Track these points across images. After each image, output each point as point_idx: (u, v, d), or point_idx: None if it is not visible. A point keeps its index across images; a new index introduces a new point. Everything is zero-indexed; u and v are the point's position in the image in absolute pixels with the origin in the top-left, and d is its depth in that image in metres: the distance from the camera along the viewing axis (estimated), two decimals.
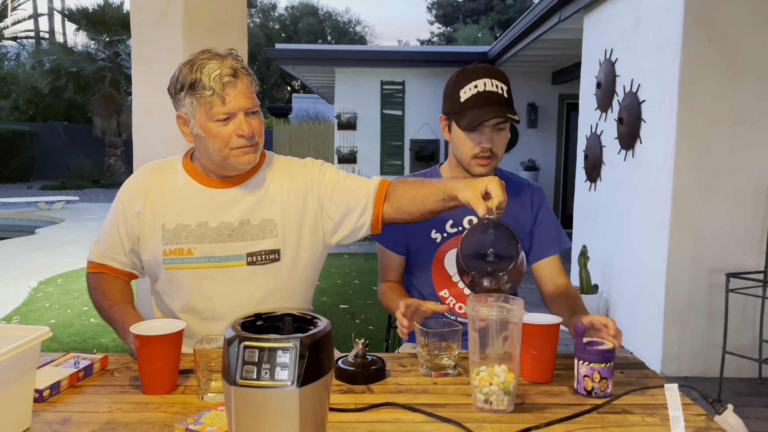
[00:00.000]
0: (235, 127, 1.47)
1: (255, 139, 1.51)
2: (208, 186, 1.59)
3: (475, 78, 1.67)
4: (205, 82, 1.44)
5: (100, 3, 17.58)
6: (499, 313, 1.22)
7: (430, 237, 1.80)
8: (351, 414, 1.19)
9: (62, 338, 4.53)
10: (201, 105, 1.46)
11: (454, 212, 1.77)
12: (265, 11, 33.24)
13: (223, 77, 1.44)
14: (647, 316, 4.11)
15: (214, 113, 1.46)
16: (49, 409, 1.21)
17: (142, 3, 2.90)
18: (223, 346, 1.00)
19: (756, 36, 3.72)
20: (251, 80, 1.50)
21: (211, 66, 1.45)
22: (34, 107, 21.17)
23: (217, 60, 1.47)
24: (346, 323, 4.98)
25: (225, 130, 1.47)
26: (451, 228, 1.80)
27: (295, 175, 1.63)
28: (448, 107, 1.73)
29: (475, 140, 1.70)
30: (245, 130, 1.47)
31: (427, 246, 1.80)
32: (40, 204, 12.34)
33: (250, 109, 1.49)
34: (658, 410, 1.22)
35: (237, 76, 1.46)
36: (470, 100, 1.67)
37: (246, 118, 1.48)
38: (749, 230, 3.80)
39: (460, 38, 28.22)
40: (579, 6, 5.39)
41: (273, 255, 1.58)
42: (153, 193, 1.60)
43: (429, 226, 1.78)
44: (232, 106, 1.46)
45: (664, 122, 3.92)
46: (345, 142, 10.20)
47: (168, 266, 1.58)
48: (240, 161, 1.52)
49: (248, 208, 1.59)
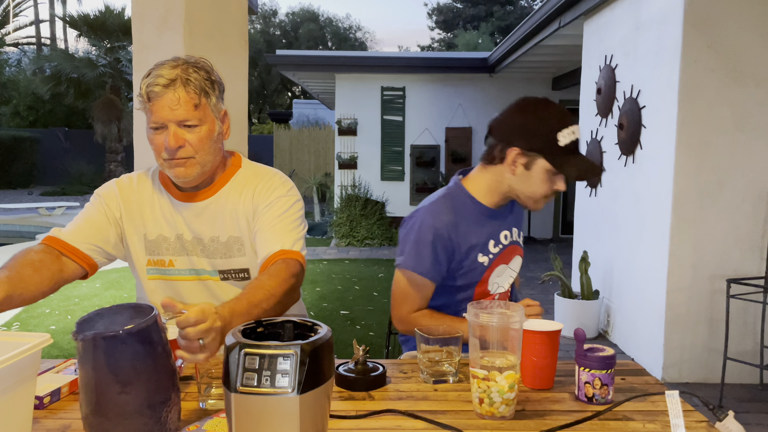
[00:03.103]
0: (163, 137, 1.43)
1: (184, 153, 1.44)
2: (179, 199, 1.57)
3: (569, 122, 1.62)
4: (142, 91, 1.43)
5: (101, 9, 17.64)
6: (499, 320, 1.22)
7: (478, 261, 1.76)
8: (351, 421, 1.19)
9: (62, 344, 4.52)
10: (141, 110, 1.46)
11: (492, 231, 1.77)
12: (266, 17, 33.33)
13: (153, 86, 1.40)
14: (648, 322, 4.10)
15: (150, 121, 1.44)
16: (49, 416, 1.21)
17: (143, 9, 2.91)
18: (223, 353, 1.00)
19: (756, 42, 3.72)
20: (193, 90, 1.42)
21: (153, 74, 1.42)
22: (34, 113, 21.20)
23: (166, 68, 1.43)
24: (347, 329, 4.97)
25: (157, 139, 1.45)
26: (494, 248, 1.78)
27: (254, 193, 1.56)
28: (540, 146, 1.63)
29: (555, 185, 1.67)
30: (169, 143, 1.42)
31: (476, 269, 1.77)
32: (40, 210, 12.35)
33: (183, 122, 1.42)
34: (659, 417, 1.22)
35: (171, 86, 1.40)
36: (570, 147, 1.63)
37: (179, 131, 1.43)
38: (750, 236, 3.80)
39: (461, 44, 28.26)
40: (579, 12, 5.40)
41: (243, 274, 1.57)
42: (134, 202, 1.58)
43: (475, 251, 1.74)
44: (161, 116, 1.41)
45: (665, 128, 3.93)
46: (345, 148, 10.20)
47: (151, 276, 1.59)
48: (172, 173, 1.48)
49: (216, 224, 1.56)
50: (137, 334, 0.98)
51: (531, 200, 1.71)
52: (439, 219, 1.70)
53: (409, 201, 10.18)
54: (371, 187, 9.88)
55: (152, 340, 1.01)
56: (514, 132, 1.66)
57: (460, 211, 1.73)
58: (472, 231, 1.74)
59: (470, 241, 1.73)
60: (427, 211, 1.73)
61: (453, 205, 1.74)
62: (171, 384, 1.03)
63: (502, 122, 1.71)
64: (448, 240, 1.70)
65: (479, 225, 1.75)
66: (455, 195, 1.77)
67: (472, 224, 1.74)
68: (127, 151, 17.88)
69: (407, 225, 1.76)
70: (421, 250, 1.69)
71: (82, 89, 17.37)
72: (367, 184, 9.88)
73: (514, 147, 1.65)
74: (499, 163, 1.70)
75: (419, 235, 1.70)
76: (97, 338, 0.97)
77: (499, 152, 1.69)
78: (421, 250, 1.69)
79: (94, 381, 0.97)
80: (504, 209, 1.81)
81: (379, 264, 7.78)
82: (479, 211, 1.75)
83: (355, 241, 9.17)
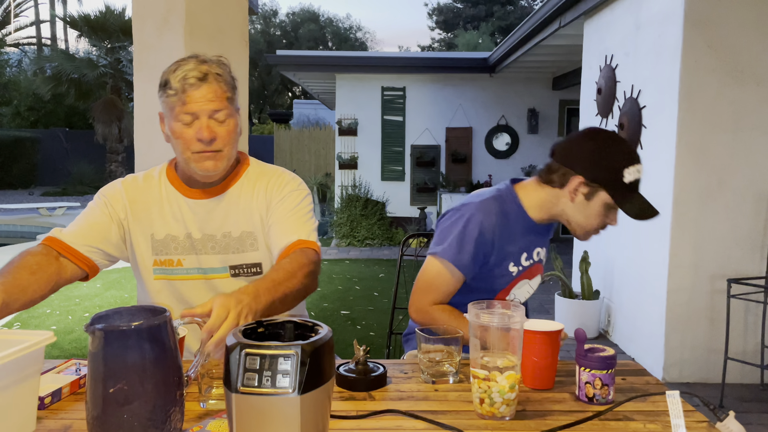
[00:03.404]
0: (195, 130, 1.46)
1: (216, 145, 1.47)
2: (189, 197, 1.57)
3: (636, 160, 1.62)
4: (172, 83, 1.45)
5: (102, 9, 17.64)
6: (500, 320, 1.22)
7: (508, 269, 1.77)
8: (352, 421, 1.19)
9: (63, 345, 4.53)
10: (167, 104, 1.47)
11: (528, 245, 1.77)
12: (266, 18, 33.34)
13: (188, 79, 1.43)
14: (648, 322, 4.10)
15: (177, 113, 1.45)
16: (50, 417, 1.21)
17: (144, 10, 2.91)
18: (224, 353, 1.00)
19: (756, 41, 3.72)
20: (223, 85, 1.47)
21: (183, 68, 1.45)
22: (35, 114, 21.21)
23: (193, 63, 1.46)
24: (347, 329, 4.97)
25: (187, 133, 1.46)
26: (526, 261, 1.79)
27: (267, 188, 1.60)
28: (605, 179, 1.62)
29: (608, 219, 1.69)
30: (203, 134, 1.45)
31: (503, 277, 1.77)
32: (41, 210, 12.35)
33: (214, 112, 1.46)
34: (659, 417, 1.22)
35: (205, 80, 1.44)
36: (633, 184, 1.63)
37: (210, 123, 1.46)
38: (750, 236, 3.80)
39: (461, 44, 28.26)
40: (579, 12, 5.40)
41: (255, 268, 1.58)
42: (140, 202, 1.58)
43: (509, 260, 1.75)
44: (194, 107, 1.44)
45: (665, 128, 3.93)
46: (346, 148, 10.21)
47: (157, 276, 1.58)
48: (200, 167, 1.49)
49: (228, 220, 1.57)
50: (147, 331, 0.99)
51: (582, 230, 1.72)
52: (488, 218, 1.69)
53: (410, 201, 10.18)
54: (372, 187, 9.89)
55: (161, 339, 1.01)
56: (581, 161, 1.65)
57: (508, 217, 1.72)
58: (512, 239, 1.73)
59: (508, 248, 1.73)
60: (478, 207, 1.72)
61: (502, 208, 1.72)
62: (177, 384, 1.04)
63: (568, 148, 1.69)
64: (490, 242, 1.70)
65: (520, 236, 1.75)
66: (506, 199, 1.75)
67: (515, 233, 1.74)
68: (127, 151, 17.88)
69: (452, 217, 1.75)
70: (465, 243, 1.68)
71: (83, 90, 17.38)
72: (368, 184, 9.88)
73: (579, 176, 1.64)
74: (558, 187, 1.69)
75: (466, 228, 1.69)
76: (107, 332, 0.98)
77: (561, 177, 1.67)
78: (465, 243, 1.68)
79: (102, 375, 0.98)
80: (545, 227, 1.81)
81: (380, 264, 7.78)
82: (524, 223, 1.75)
83: (356, 242, 9.17)
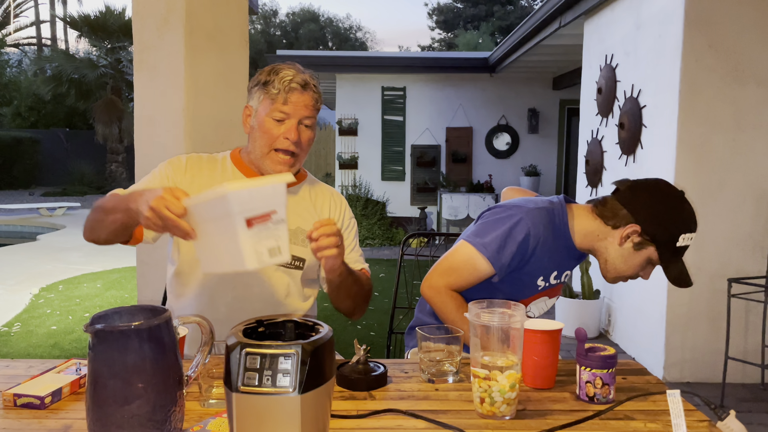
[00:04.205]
0: (285, 129, 1.58)
1: (298, 148, 1.61)
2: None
3: (694, 228, 1.62)
4: (276, 83, 1.58)
5: (102, 10, 17.64)
6: (500, 319, 1.22)
7: (536, 283, 1.77)
8: (353, 420, 1.19)
9: (64, 345, 4.53)
10: (266, 99, 1.59)
11: (561, 265, 1.78)
12: (267, 18, 33.34)
13: (292, 83, 1.58)
14: (649, 321, 4.10)
15: (273, 109, 1.58)
16: (51, 416, 1.21)
17: (144, 10, 2.91)
18: (224, 352, 1.00)
19: (756, 41, 3.72)
20: (317, 98, 1.64)
21: (287, 72, 1.60)
22: (35, 114, 21.20)
23: (294, 70, 1.61)
24: (348, 329, 4.97)
25: (276, 129, 1.59)
26: (554, 279, 1.79)
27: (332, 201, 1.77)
28: (660, 238, 1.62)
29: (643, 272, 1.70)
30: (292, 134, 1.58)
31: (528, 288, 1.77)
32: (41, 210, 12.35)
33: (305, 119, 1.61)
34: (660, 416, 1.22)
35: (305, 89, 1.60)
36: (682, 250, 1.63)
37: (299, 127, 1.60)
38: (751, 235, 3.80)
39: (461, 44, 28.26)
40: (579, 12, 5.40)
41: (298, 263, 1.67)
42: (200, 177, 1.65)
43: (539, 273, 1.75)
44: (291, 109, 1.58)
45: (665, 127, 3.93)
46: (346, 148, 10.21)
47: None
48: (275, 166, 1.61)
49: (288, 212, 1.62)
50: (147, 331, 0.99)
51: (615, 273, 1.72)
52: (537, 227, 1.68)
53: (410, 201, 10.18)
54: (372, 187, 9.89)
55: (161, 339, 1.01)
56: (645, 212, 1.64)
57: (553, 234, 1.71)
58: (549, 256, 1.73)
59: (543, 263, 1.73)
60: (529, 213, 1.70)
61: (552, 223, 1.71)
62: (177, 384, 1.04)
63: (635, 193, 1.67)
64: (531, 251, 1.69)
65: (557, 254, 1.75)
66: (557, 215, 1.73)
67: (554, 250, 1.73)
68: (128, 151, 17.89)
69: (502, 213, 1.73)
70: (508, 243, 1.67)
71: (83, 90, 17.38)
72: (368, 184, 9.88)
73: (637, 224, 1.64)
74: (611, 227, 1.68)
75: (513, 229, 1.68)
76: (107, 332, 0.98)
77: (618, 219, 1.67)
78: (508, 243, 1.67)
79: (102, 374, 0.98)
80: (582, 254, 1.81)
81: (380, 264, 7.78)
82: (566, 243, 1.74)
83: None
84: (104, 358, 0.98)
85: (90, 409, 1.00)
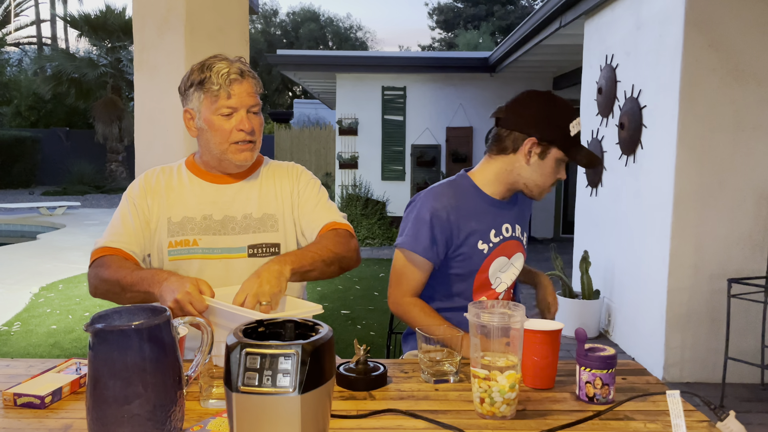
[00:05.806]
0: (237, 122, 1.58)
1: (254, 137, 1.62)
2: (211, 182, 1.69)
3: (576, 114, 1.72)
4: (214, 79, 1.57)
5: (102, 9, 17.64)
6: (500, 320, 1.22)
7: (477, 248, 1.77)
8: (352, 420, 1.19)
9: (63, 344, 4.53)
10: (207, 98, 1.58)
11: (494, 221, 1.79)
12: (267, 17, 33.33)
13: (230, 74, 1.57)
14: (649, 321, 4.10)
15: (219, 106, 1.57)
16: (51, 416, 1.21)
17: (144, 9, 2.91)
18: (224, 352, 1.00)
19: (756, 41, 3.72)
20: (256, 83, 1.62)
21: (221, 66, 1.58)
22: (36, 113, 21.20)
23: (226, 62, 1.60)
24: (348, 329, 4.97)
25: (227, 125, 1.59)
26: (495, 237, 1.80)
27: (288, 176, 1.76)
28: (554, 136, 1.70)
29: (559, 174, 1.75)
30: (246, 125, 1.58)
31: (476, 255, 1.78)
32: (41, 210, 12.35)
33: (252, 107, 1.60)
34: (660, 417, 1.22)
35: (243, 77, 1.59)
36: (578, 137, 1.72)
37: (249, 116, 1.60)
38: (751, 235, 3.80)
39: (461, 44, 28.25)
40: (580, 12, 5.40)
41: (273, 249, 1.68)
42: (159, 191, 1.68)
43: (475, 237, 1.77)
44: (236, 101, 1.57)
45: (665, 127, 3.92)
46: (346, 148, 10.20)
47: (172, 257, 1.64)
48: (237, 158, 1.62)
49: (250, 202, 1.68)
50: (147, 331, 0.99)
51: (539, 189, 1.77)
52: (440, 200, 1.75)
53: None
54: (372, 187, 9.88)
55: (161, 339, 1.01)
56: (530, 123, 1.72)
57: (463, 197, 1.77)
58: (473, 216, 1.77)
59: (471, 225, 1.76)
60: (429, 193, 1.79)
61: (456, 191, 1.78)
62: (177, 384, 1.04)
63: (514, 113, 1.75)
64: (446, 221, 1.73)
65: (481, 212, 1.78)
66: (459, 183, 1.82)
67: (474, 211, 1.77)
68: (128, 150, 17.90)
69: (408, 207, 1.82)
70: (420, 229, 1.73)
71: (83, 89, 17.39)
72: (368, 184, 9.87)
73: (531, 137, 1.70)
74: (512, 153, 1.75)
75: (418, 214, 1.75)
76: (107, 331, 0.98)
77: (513, 142, 1.74)
78: (420, 229, 1.73)
79: (102, 374, 0.98)
80: (507, 202, 1.84)
81: (380, 264, 7.78)
82: (482, 200, 1.79)
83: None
84: (104, 358, 0.98)
85: (90, 408, 1.00)
